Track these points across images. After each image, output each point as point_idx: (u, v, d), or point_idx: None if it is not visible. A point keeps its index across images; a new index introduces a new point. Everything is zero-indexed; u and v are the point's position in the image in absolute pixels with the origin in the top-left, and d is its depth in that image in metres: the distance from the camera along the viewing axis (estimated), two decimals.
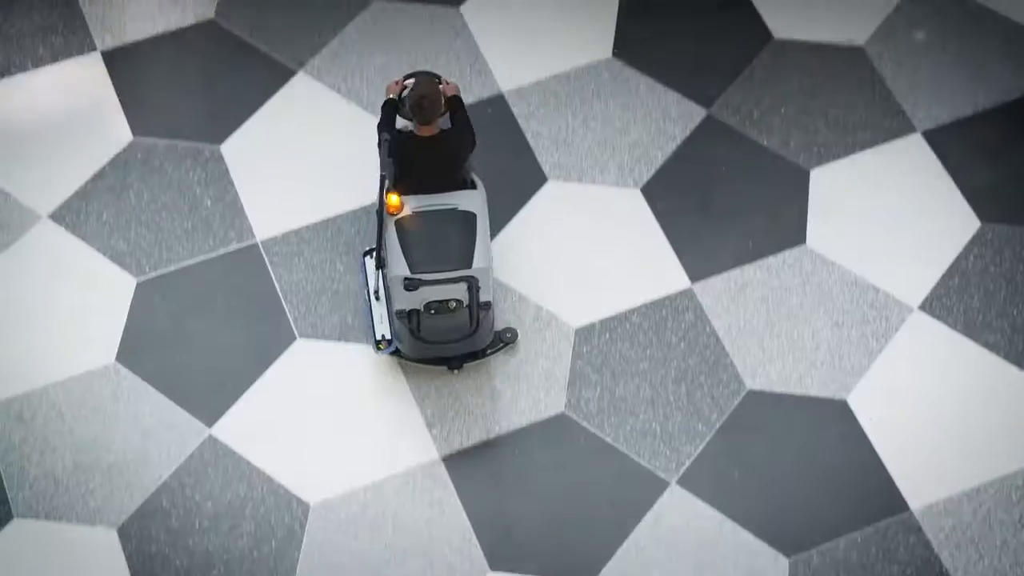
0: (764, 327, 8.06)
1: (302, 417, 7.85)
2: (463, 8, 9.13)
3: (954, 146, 8.60)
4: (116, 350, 8.02)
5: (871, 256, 8.26)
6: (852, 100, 8.76)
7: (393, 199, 7.30)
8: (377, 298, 7.98)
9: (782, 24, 9.05)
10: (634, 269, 8.25)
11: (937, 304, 8.11)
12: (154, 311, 8.14)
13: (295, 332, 8.08)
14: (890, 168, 8.54)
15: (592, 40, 8.99)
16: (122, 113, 8.75)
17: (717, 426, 7.82)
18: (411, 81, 7.50)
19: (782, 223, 8.38)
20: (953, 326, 8.04)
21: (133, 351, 8.02)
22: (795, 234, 8.35)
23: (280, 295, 8.18)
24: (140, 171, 8.56)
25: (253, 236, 8.37)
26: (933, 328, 8.05)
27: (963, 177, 8.49)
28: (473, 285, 7.43)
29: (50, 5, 9.13)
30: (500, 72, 8.88)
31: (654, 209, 8.44)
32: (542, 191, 8.51)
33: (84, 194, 8.48)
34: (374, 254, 8.07)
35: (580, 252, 8.30)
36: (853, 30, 9.02)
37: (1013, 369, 7.92)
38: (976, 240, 8.30)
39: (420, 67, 8.79)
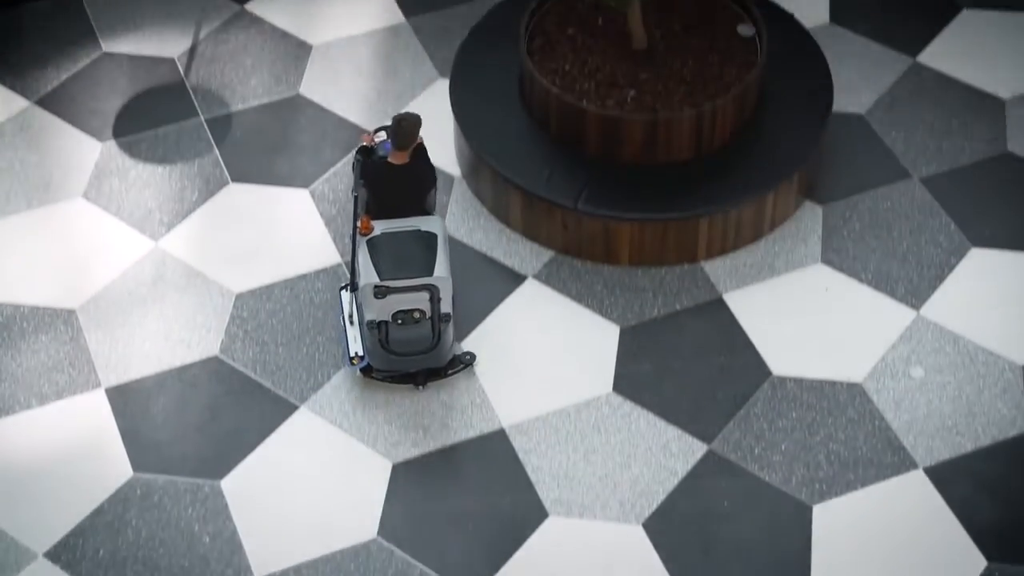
0: None
1: None
2: (464, 344, 9.24)
3: (956, 482, 8.57)
4: None
5: None
6: (852, 435, 8.78)
7: (365, 221, 8.61)
8: (351, 322, 9.03)
9: (781, 362, 9.14)
10: None
11: None
12: None
13: None
14: (893, 504, 8.49)
15: (592, 376, 9.07)
16: (123, 449, 8.76)
17: None
18: (381, 134, 8.92)
19: (785, 559, 8.28)
20: None
21: None
22: (800, 571, 8.24)
23: None
24: (139, 507, 8.52)
25: (251, 574, 8.27)
26: None
27: (966, 514, 8.42)
28: (435, 295, 8.54)
29: (58, 343, 9.24)
30: (501, 407, 8.93)
31: (656, 545, 8.36)
32: (543, 527, 8.44)
33: (81, 531, 8.41)
34: (348, 287, 9.18)
35: None
36: (850, 368, 9.10)
37: None
38: None
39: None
